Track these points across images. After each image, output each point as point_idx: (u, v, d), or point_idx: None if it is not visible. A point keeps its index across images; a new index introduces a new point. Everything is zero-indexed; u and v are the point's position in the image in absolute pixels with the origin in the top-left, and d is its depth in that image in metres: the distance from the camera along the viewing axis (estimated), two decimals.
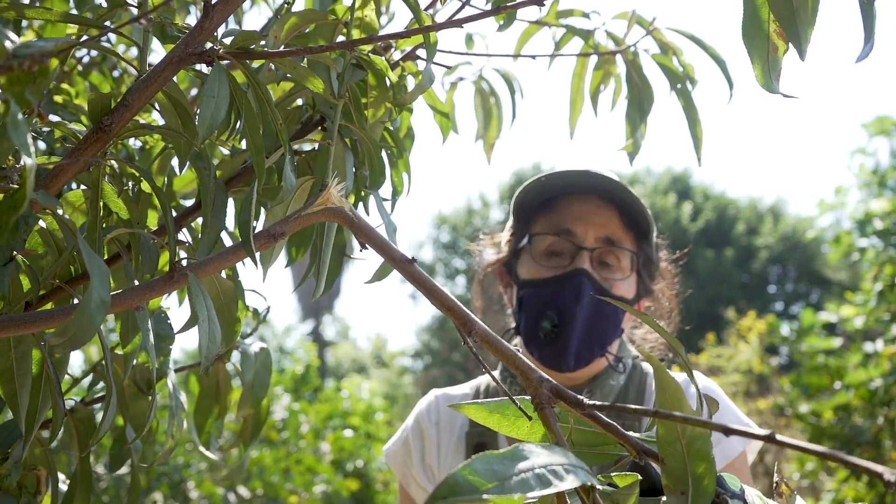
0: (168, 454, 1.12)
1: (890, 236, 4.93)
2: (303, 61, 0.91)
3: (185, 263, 0.79)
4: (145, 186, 0.94)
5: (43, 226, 0.89)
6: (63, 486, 1.02)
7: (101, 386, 1.13)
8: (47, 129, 1.00)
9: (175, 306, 1.19)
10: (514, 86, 1.59)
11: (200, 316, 0.75)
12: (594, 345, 1.46)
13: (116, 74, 1.42)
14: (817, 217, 6.12)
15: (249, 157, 0.98)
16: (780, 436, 0.43)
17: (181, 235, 0.99)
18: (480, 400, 0.73)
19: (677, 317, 1.65)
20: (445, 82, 1.65)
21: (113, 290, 0.76)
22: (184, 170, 0.99)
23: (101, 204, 0.89)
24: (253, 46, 0.82)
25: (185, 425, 1.18)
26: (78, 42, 0.91)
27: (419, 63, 1.03)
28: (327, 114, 0.92)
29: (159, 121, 0.95)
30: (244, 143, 0.98)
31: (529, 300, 1.50)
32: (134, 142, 1.13)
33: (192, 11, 1.52)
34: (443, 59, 1.16)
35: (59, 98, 1.21)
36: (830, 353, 5.41)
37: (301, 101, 1.02)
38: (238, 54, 0.80)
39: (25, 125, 0.54)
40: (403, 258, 0.70)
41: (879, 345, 4.77)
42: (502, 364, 1.58)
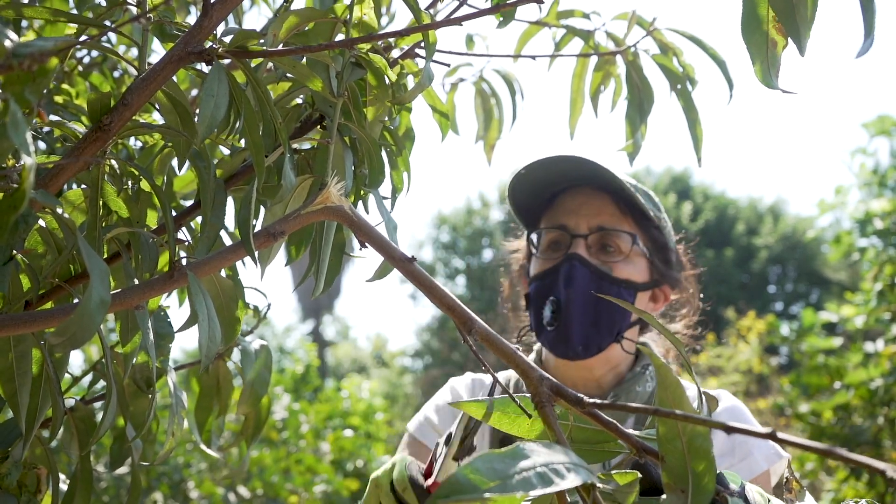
0: (169, 453, 1.12)
1: (890, 236, 4.93)
2: (302, 60, 0.91)
3: (185, 262, 0.79)
4: (145, 185, 0.94)
5: (42, 225, 0.89)
6: (63, 486, 1.02)
7: (102, 385, 1.13)
8: (47, 129, 1.00)
9: (175, 306, 1.19)
10: (515, 86, 1.59)
11: (200, 315, 0.75)
12: (602, 329, 1.46)
13: (117, 75, 1.42)
14: (817, 217, 6.12)
15: (249, 156, 0.98)
16: (782, 434, 0.43)
17: (181, 234, 0.99)
18: (480, 397, 0.73)
19: (696, 314, 1.64)
20: (446, 83, 1.65)
21: (113, 289, 0.76)
22: (183, 169, 0.99)
23: (101, 203, 0.89)
24: (252, 45, 0.82)
25: (186, 424, 1.18)
26: (77, 41, 0.91)
27: (418, 62, 1.03)
28: (327, 112, 0.92)
29: (160, 121, 0.95)
30: (244, 142, 0.98)
31: (534, 293, 1.52)
32: (134, 142, 1.13)
33: (192, 11, 1.53)
34: (443, 60, 1.16)
35: (60, 98, 1.21)
36: (830, 353, 5.41)
37: (301, 100, 1.02)
38: (237, 53, 0.80)
39: (25, 124, 0.54)
40: (403, 257, 0.70)
41: (879, 345, 4.77)
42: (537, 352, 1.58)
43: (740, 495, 0.77)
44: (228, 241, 1.04)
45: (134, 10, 0.94)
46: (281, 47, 0.86)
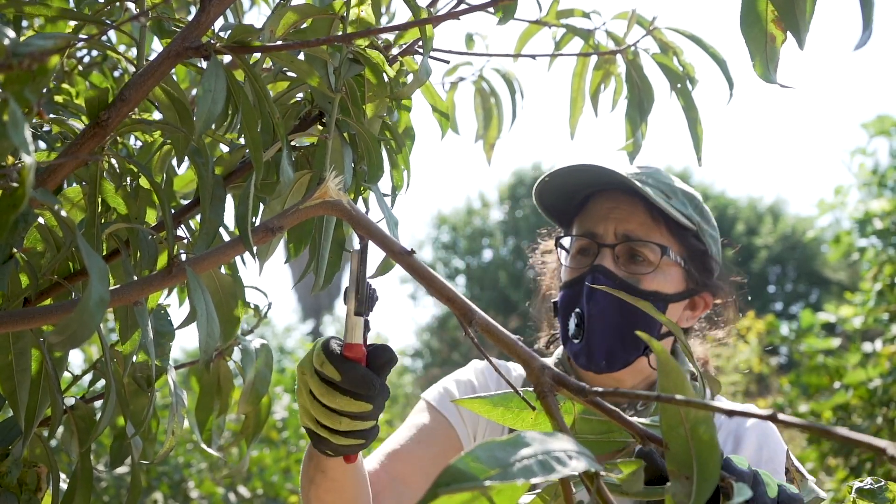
0: (168, 452, 1.12)
1: (890, 236, 4.93)
2: (299, 55, 0.91)
3: (184, 258, 0.79)
4: (144, 182, 0.94)
5: (41, 222, 0.89)
6: (63, 485, 1.02)
7: (102, 384, 1.13)
8: (47, 128, 1.00)
9: (175, 305, 1.19)
10: (515, 86, 1.59)
11: (199, 311, 0.75)
12: (628, 345, 1.41)
13: (117, 74, 1.42)
14: (817, 217, 6.12)
15: (248, 153, 0.98)
16: (782, 415, 0.44)
17: (180, 231, 0.99)
18: (484, 393, 0.73)
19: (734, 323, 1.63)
20: (446, 82, 1.65)
21: (111, 286, 0.76)
22: (183, 168, 0.99)
23: (100, 200, 0.89)
24: (250, 40, 0.82)
25: (186, 423, 1.18)
26: (76, 37, 0.91)
27: (417, 59, 1.03)
28: (325, 109, 0.92)
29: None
30: (242, 139, 0.98)
31: (561, 303, 1.49)
32: (134, 141, 1.13)
33: (192, 11, 1.53)
34: (443, 58, 1.16)
35: (60, 98, 1.21)
36: (830, 353, 5.40)
37: (300, 96, 1.02)
38: (235, 48, 0.80)
39: (25, 123, 0.54)
40: (403, 250, 0.70)
41: (878, 345, 4.77)
42: (558, 356, 1.54)
43: (747, 477, 0.76)
44: (227, 239, 1.04)
45: (133, 8, 0.94)
46: (278, 43, 0.86)
